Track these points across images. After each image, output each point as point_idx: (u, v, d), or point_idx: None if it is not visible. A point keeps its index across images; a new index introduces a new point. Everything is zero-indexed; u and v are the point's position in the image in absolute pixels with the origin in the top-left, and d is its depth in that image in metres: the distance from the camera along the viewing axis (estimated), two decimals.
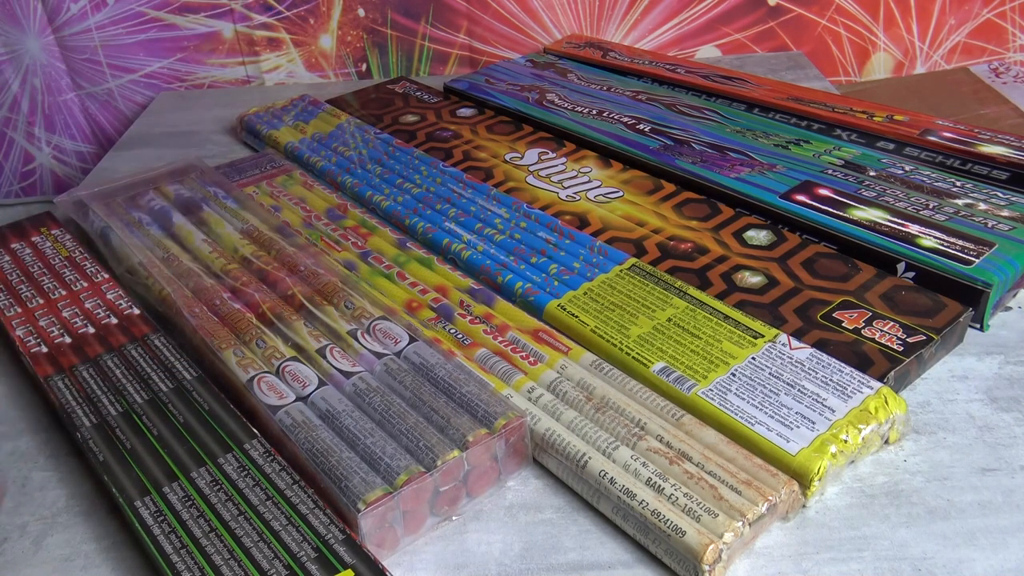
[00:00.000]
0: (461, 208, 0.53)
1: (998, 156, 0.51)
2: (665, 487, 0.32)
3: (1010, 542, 0.32)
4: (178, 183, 0.57)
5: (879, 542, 0.32)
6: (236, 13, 0.82)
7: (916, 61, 0.85)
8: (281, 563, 0.30)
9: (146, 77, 0.85)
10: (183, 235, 0.51)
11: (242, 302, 0.44)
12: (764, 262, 0.46)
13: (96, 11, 0.81)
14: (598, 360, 0.39)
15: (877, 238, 0.46)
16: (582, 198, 0.54)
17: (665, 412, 0.36)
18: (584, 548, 0.33)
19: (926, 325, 0.40)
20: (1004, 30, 0.83)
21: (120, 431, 0.37)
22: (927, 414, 0.38)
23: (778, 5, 0.81)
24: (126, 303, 0.46)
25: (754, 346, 0.39)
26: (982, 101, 0.77)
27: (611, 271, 0.45)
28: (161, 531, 0.32)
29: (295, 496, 0.33)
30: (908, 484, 0.35)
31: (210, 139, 0.72)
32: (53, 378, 0.41)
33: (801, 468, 0.33)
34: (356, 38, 0.84)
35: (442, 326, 0.43)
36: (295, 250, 0.48)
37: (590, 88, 0.69)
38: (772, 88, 0.65)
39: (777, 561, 0.32)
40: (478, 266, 0.47)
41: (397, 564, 0.33)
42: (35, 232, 0.54)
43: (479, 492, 0.35)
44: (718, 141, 0.58)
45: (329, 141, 0.64)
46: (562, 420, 0.36)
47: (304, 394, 0.38)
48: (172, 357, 0.41)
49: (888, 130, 0.57)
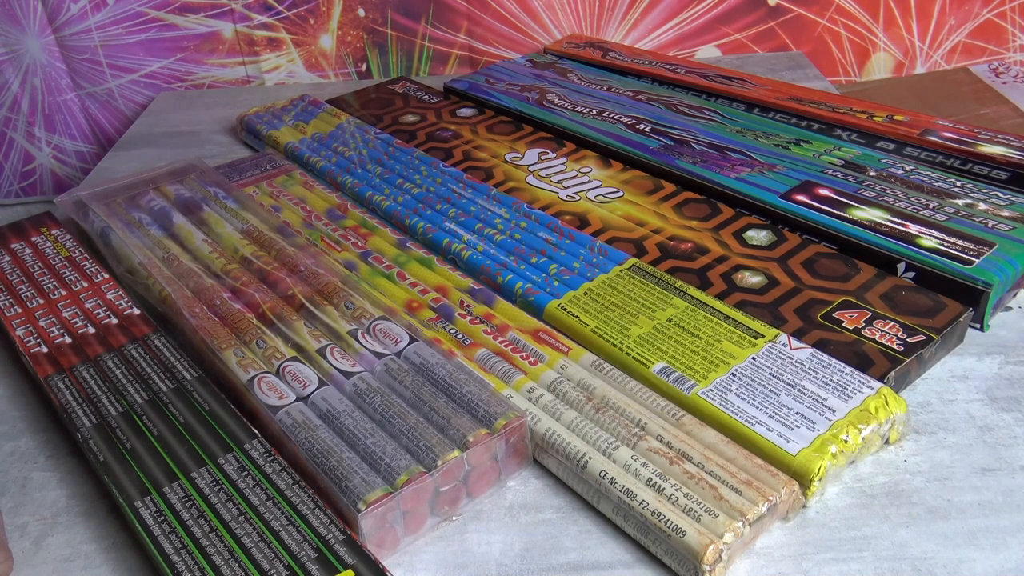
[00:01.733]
0: (461, 208, 0.53)
1: (998, 156, 0.51)
2: (665, 487, 0.32)
3: (1010, 542, 0.32)
4: (178, 183, 0.57)
5: (879, 542, 0.32)
6: (236, 13, 0.82)
7: (916, 61, 0.85)
8: (281, 563, 0.30)
9: (146, 77, 0.85)
10: (183, 235, 0.51)
11: (242, 302, 0.44)
12: (764, 262, 0.46)
13: (96, 11, 0.81)
14: (598, 360, 0.39)
15: (877, 238, 0.46)
16: (582, 198, 0.54)
17: (665, 412, 0.36)
18: (584, 548, 0.33)
19: (926, 325, 0.40)
20: (1004, 30, 0.83)
21: (120, 431, 0.37)
22: (927, 414, 0.38)
23: (778, 5, 0.81)
24: (126, 303, 0.46)
25: (754, 346, 0.39)
26: (982, 101, 0.77)
27: (611, 271, 0.45)
28: (161, 531, 0.32)
29: (295, 496, 0.33)
30: (908, 484, 0.35)
31: (210, 139, 0.72)
32: (53, 378, 0.41)
33: (801, 468, 0.33)
34: (356, 38, 0.84)
35: (442, 326, 0.43)
36: (295, 250, 0.48)
37: (590, 88, 0.69)
38: (772, 88, 0.65)
39: (777, 561, 0.32)
40: (478, 266, 0.47)
41: (397, 564, 0.33)
42: (35, 232, 0.54)
43: (479, 492, 0.35)
44: (718, 141, 0.58)
45: (329, 141, 0.64)
46: (562, 420, 0.36)
47: (304, 394, 0.38)
48: (172, 357, 0.41)
49: (888, 130, 0.57)
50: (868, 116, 0.59)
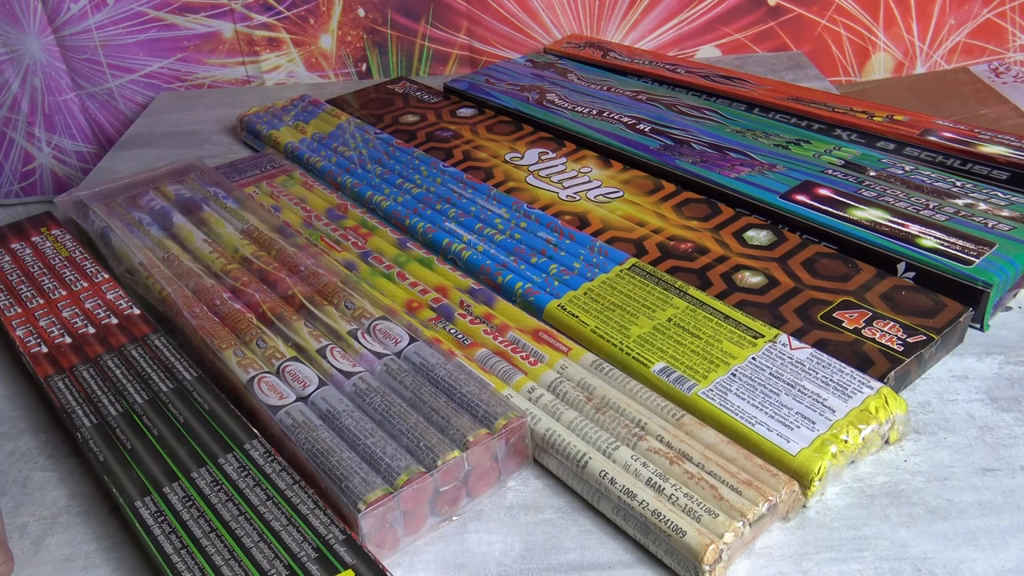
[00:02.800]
0: (461, 208, 0.53)
1: (998, 156, 0.51)
2: (665, 487, 0.32)
3: (1010, 542, 0.32)
4: (178, 183, 0.57)
5: (879, 542, 0.32)
6: (236, 13, 0.82)
7: (916, 61, 0.85)
8: (281, 563, 0.30)
9: (146, 77, 0.85)
10: (183, 235, 0.51)
11: (242, 302, 0.44)
12: (764, 262, 0.46)
13: (96, 11, 0.81)
14: (598, 360, 0.39)
15: (877, 238, 0.46)
16: (582, 198, 0.54)
17: (665, 412, 0.36)
18: (584, 548, 0.33)
19: (926, 325, 0.40)
20: (1004, 30, 0.83)
21: (120, 431, 0.37)
22: (927, 414, 0.38)
23: (778, 5, 0.81)
24: (126, 303, 0.46)
25: (754, 346, 0.39)
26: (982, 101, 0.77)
27: (611, 271, 0.45)
28: (161, 531, 0.32)
29: (295, 496, 0.33)
30: (908, 484, 0.35)
31: (210, 139, 0.72)
32: (53, 378, 0.41)
33: (801, 468, 0.33)
34: (356, 38, 0.84)
35: (442, 326, 0.43)
36: (295, 250, 0.48)
37: (590, 88, 0.69)
38: (772, 88, 0.65)
39: (777, 561, 0.32)
40: (478, 266, 0.47)
41: (397, 564, 0.33)
42: (35, 232, 0.54)
43: (479, 492, 0.35)
44: (718, 141, 0.58)
45: (329, 141, 0.64)
46: (562, 420, 0.36)
47: (304, 394, 0.38)
48: (172, 357, 0.41)
49: (888, 130, 0.57)
50: (868, 116, 0.59)
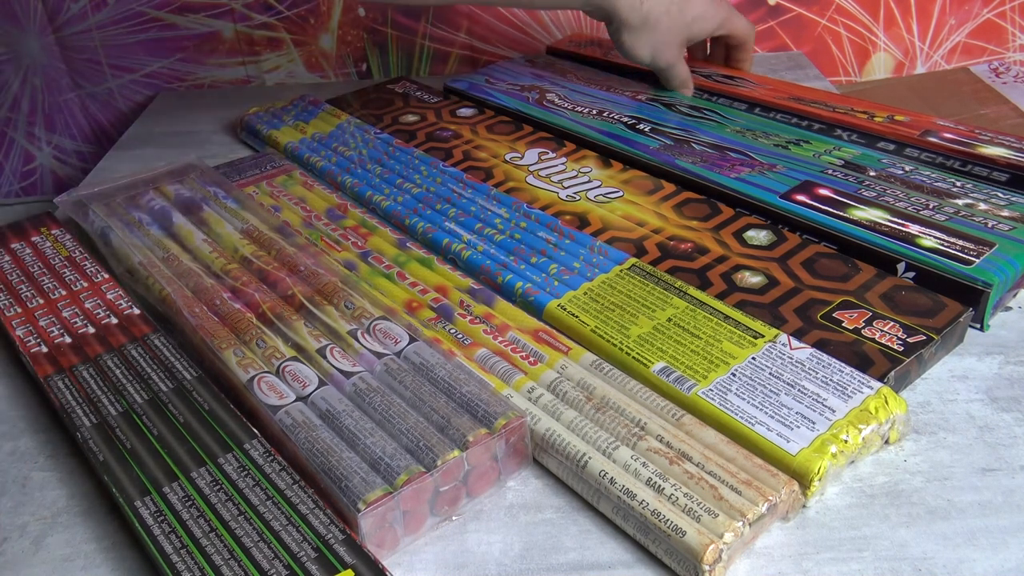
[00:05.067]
0: (461, 208, 0.53)
1: (998, 158, 0.51)
2: (665, 487, 0.32)
3: (1010, 542, 0.32)
4: (178, 183, 0.57)
5: (879, 542, 0.32)
6: (236, 13, 0.82)
7: (916, 61, 0.85)
8: (281, 563, 0.30)
9: (146, 77, 0.85)
10: (183, 235, 0.51)
11: (242, 302, 0.44)
12: (764, 262, 0.46)
13: (96, 11, 0.81)
14: (598, 360, 0.39)
15: (877, 238, 0.46)
16: (582, 198, 0.54)
17: (665, 412, 0.36)
18: (584, 548, 0.33)
19: (926, 325, 0.40)
20: (1004, 30, 0.83)
21: (120, 431, 0.37)
22: (927, 414, 0.38)
23: (778, 5, 0.82)
24: (126, 303, 0.46)
25: (754, 346, 0.39)
26: (982, 101, 0.77)
27: (611, 271, 0.45)
28: (161, 531, 0.32)
29: (295, 496, 0.33)
30: (908, 484, 0.35)
31: (210, 139, 0.72)
32: (53, 378, 0.41)
33: (801, 468, 0.33)
34: (356, 38, 0.84)
35: (442, 326, 0.43)
36: (295, 250, 0.48)
37: (590, 88, 0.69)
38: (772, 88, 0.65)
39: (777, 561, 0.32)
40: (478, 266, 0.47)
41: (397, 564, 0.33)
42: (35, 232, 0.54)
43: (479, 492, 0.35)
44: (718, 141, 0.58)
45: (329, 141, 0.64)
46: (562, 420, 0.36)
47: (304, 394, 0.38)
48: (172, 357, 0.41)
49: (888, 130, 0.57)
50: (868, 116, 0.58)
